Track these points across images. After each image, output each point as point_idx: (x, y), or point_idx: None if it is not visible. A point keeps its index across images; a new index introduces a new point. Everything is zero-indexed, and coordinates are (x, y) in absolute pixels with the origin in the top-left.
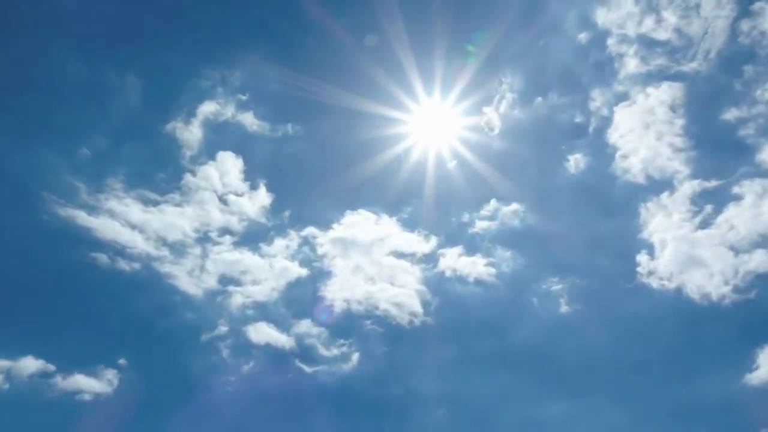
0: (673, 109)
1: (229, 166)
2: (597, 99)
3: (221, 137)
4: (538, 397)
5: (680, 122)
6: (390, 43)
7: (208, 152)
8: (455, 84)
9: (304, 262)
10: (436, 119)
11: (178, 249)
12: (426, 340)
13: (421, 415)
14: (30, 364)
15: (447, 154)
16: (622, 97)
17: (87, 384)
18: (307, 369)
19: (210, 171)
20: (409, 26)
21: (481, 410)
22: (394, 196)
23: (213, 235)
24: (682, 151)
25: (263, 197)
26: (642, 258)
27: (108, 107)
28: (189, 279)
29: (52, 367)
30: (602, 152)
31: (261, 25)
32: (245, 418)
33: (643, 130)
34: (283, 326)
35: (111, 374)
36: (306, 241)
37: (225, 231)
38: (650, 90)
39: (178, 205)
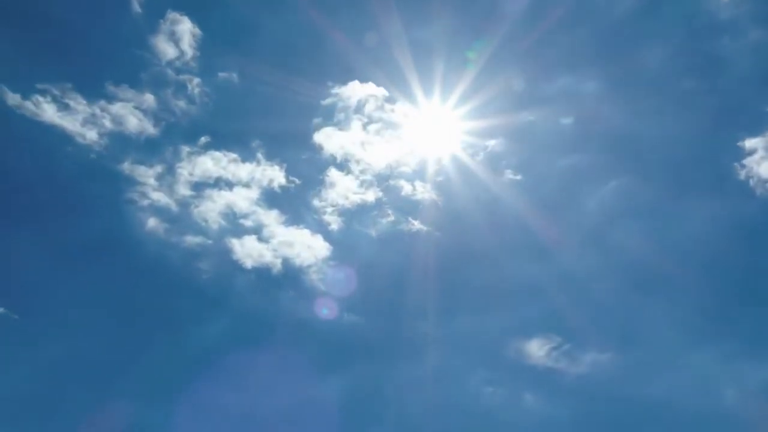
0: None
1: (184, 36)
2: None
3: None
4: (580, 339)
5: None
6: None
7: (159, 11)
8: None
9: (292, 164)
10: None
11: (141, 148)
12: (442, 262)
13: (428, 353)
14: None
15: None
16: None
17: None
18: (299, 291)
19: (162, 46)
20: None
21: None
22: (410, 68)
23: (180, 132)
24: None
25: (232, 79)
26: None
27: None
28: (157, 184)
29: None
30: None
31: None
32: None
33: None
34: (268, 239)
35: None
36: (294, 137)
37: (192, 128)
38: None
39: (129, 88)
